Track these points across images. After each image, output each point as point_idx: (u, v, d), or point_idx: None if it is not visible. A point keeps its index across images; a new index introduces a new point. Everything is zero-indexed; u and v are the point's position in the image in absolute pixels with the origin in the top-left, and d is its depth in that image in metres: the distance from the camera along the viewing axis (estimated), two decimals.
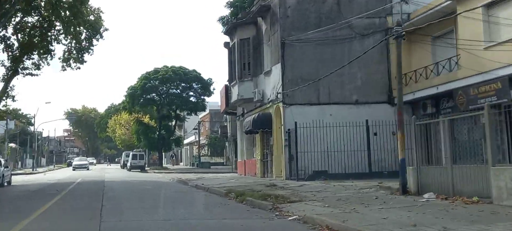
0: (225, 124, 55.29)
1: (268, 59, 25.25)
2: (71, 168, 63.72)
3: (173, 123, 55.81)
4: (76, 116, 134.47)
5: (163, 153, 55.96)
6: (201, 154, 58.93)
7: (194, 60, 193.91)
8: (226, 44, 30.08)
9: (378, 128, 21.49)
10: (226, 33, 29.58)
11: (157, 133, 54.76)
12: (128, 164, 52.37)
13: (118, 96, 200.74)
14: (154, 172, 45.73)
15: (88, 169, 55.61)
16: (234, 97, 27.84)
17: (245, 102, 27.49)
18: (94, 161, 77.29)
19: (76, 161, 62.29)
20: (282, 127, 22.85)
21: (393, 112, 20.20)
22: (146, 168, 52.22)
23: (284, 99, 22.84)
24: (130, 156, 52.17)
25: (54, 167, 79.32)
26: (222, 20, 40.79)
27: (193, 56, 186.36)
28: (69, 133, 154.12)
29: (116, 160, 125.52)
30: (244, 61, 27.00)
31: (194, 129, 55.75)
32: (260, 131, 25.49)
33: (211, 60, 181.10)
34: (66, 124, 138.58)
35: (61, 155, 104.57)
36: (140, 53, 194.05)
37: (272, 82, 24.27)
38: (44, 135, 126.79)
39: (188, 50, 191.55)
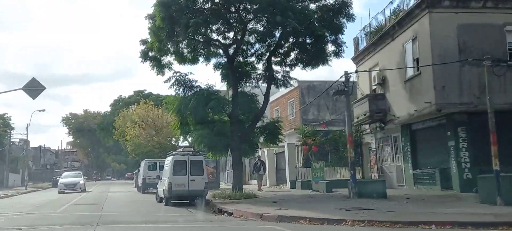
0: (381, 92, 22.51)
1: None
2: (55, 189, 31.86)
3: (263, 88, 22.56)
4: (77, 122, 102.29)
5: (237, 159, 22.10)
6: (305, 160, 25.95)
7: None
8: None
9: None
10: None
11: (229, 112, 21.70)
12: (164, 188, 19.01)
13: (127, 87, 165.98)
14: None
15: None
16: None
17: None
18: (80, 180, 35.88)
19: None
20: None
21: None
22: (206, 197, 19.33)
23: None
24: (170, 164, 18.76)
25: (26, 188, 46.25)
26: None
27: None
28: (72, 146, 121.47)
29: (125, 175, 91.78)
30: None
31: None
32: None
33: None
34: (70, 136, 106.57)
35: (50, 172, 71.41)
36: None
37: None
38: (33, 144, 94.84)
39: None
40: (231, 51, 22.39)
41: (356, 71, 20.04)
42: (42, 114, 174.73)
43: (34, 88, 27.03)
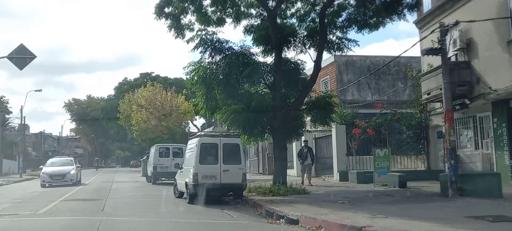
0: (463, 60, 17.15)
1: None
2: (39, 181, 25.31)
3: (314, 50, 17.25)
4: (80, 108, 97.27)
5: (281, 145, 16.74)
6: (352, 148, 20.58)
7: None
8: None
9: None
10: None
11: (270, 83, 16.46)
12: (188, 180, 13.75)
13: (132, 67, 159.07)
14: None
15: None
16: None
17: None
18: (71, 169, 25.48)
19: None
20: None
21: None
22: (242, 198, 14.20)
23: None
24: (196, 149, 13.55)
25: (21, 175, 41.21)
26: None
27: None
28: (76, 133, 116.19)
29: (131, 163, 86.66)
30: None
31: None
32: None
33: None
34: (72, 122, 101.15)
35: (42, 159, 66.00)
36: None
37: None
38: (34, 130, 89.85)
39: None
40: (272, 3, 17.06)
41: (456, 23, 14.68)
42: (47, 102, 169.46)
43: (21, 56, 21.94)
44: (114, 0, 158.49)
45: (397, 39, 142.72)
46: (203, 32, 16.55)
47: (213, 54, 16.30)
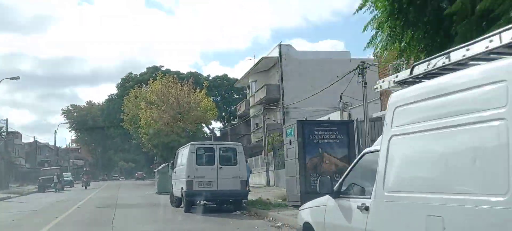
0: None
1: None
2: None
3: None
4: (80, 115, 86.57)
5: None
6: None
7: None
8: None
9: None
10: None
11: None
12: None
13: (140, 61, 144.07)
14: None
15: None
16: None
17: None
18: None
19: None
20: None
21: None
22: None
23: None
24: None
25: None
26: None
27: None
28: (78, 144, 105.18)
29: (136, 175, 74.36)
30: None
31: None
32: None
33: None
34: (71, 131, 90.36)
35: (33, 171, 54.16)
36: None
37: None
38: (27, 140, 78.49)
39: None
40: None
41: None
42: (51, 115, 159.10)
43: None
44: (116, 6, 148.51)
45: None
46: None
47: None
